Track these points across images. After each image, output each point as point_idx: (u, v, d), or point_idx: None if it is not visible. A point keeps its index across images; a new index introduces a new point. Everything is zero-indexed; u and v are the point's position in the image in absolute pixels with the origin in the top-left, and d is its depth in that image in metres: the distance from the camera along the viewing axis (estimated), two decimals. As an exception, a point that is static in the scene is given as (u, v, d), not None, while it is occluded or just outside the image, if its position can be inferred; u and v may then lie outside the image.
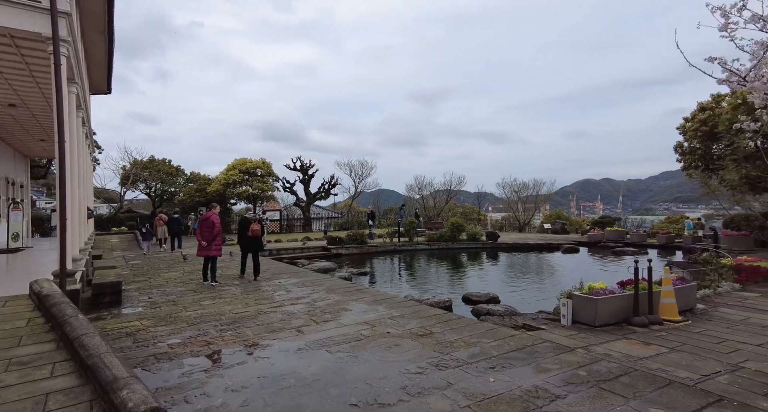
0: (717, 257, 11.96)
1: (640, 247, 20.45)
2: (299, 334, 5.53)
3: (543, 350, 4.75)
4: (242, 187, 27.97)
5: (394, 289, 11.35)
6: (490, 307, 8.39)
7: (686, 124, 18.31)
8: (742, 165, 10.17)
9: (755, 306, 6.97)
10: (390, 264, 16.94)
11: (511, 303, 9.19)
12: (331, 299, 7.61)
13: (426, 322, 6.03)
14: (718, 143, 16.55)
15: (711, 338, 5.23)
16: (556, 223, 33.03)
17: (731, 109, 15.39)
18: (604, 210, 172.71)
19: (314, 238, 22.63)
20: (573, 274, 13.49)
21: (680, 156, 18.50)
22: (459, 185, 35.60)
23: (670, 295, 6.03)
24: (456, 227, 21.26)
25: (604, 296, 5.76)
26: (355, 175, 33.28)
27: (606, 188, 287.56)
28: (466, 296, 9.79)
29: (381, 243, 20.61)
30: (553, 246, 21.09)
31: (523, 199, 36.53)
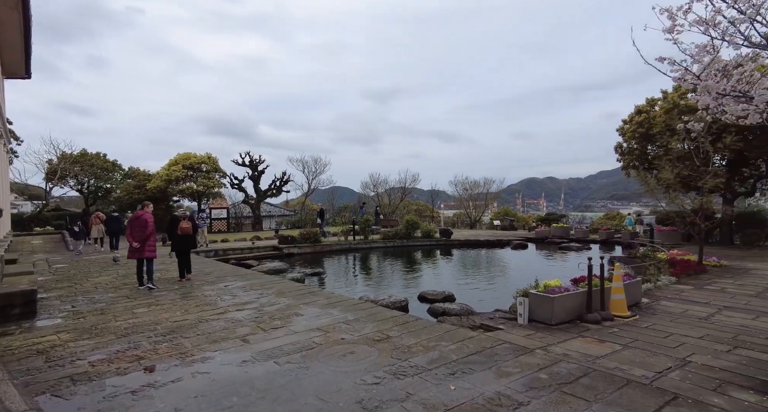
0: (653, 252, 12.70)
1: (583, 243, 21.48)
2: (244, 344, 5.06)
3: (502, 352, 4.63)
4: (186, 184, 26.36)
5: (349, 289, 11.02)
6: (447, 306, 8.28)
7: (625, 126, 19.42)
8: (675, 165, 10.85)
9: (691, 299, 7.35)
10: (345, 263, 16.57)
11: (467, 301, 9.16)
12: (281, 304, 7.14)
13: (383, 325, 5.75)
14: (653, 144, 17.70)
15: (658, 332, 5.37)
16: (505, 220, 34.13)
17: (664, 113, 16.48)
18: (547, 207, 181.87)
19: (265, 237, 21.73)
20: (524, 270, 13.84)
21: (620, 156, 19.62)
22: (413, 183, 35.87)
23: (620, 291, 6.17)
24: (411, 224, 21.25)
25: (559, 294, 5.77)
26: (309, 172, 32.51)
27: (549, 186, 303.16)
28: (422, 295, 9.65)
29: (336, 242, 20.16)
30: (503, 242, 21.66)
31: (474, 196, 37.42)
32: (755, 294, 7.65)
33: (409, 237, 21.20)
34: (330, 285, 11.64)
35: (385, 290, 10.93)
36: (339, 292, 10.05)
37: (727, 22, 4.65)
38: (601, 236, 21.71)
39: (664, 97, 17.37)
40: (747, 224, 16.48)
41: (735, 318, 6.06)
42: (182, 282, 9.19)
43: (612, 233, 21.63)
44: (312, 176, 32.55)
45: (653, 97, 18.13)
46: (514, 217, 36.70)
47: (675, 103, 16.01)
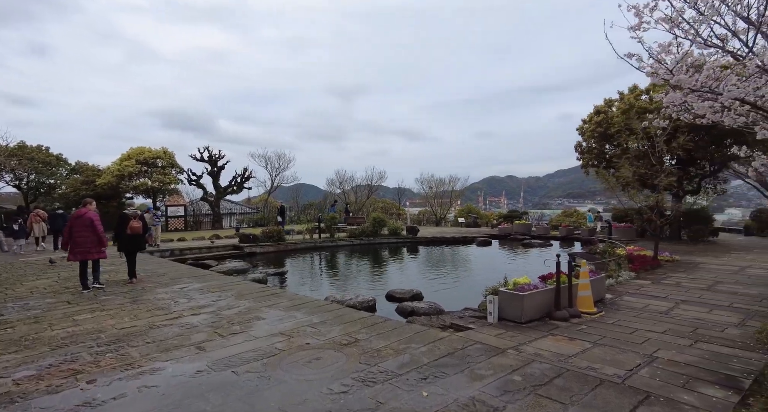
0: (612, 248, 13.14)
1: (544, 239, 22.08)
2: (200, 352, 4.65)
3: (475, 354, 4.49)
4: (140, 180, 24.88)
5: (314, 290, 10.66)
6: (415, 304, 8.13)
7: (584, 126, 20.06)
8: (633, 163, 11.26)
9: (650, 293, 7.56)
10: (310, 262, 16.13)
11: (435, 299, 9.04)
12: (241, 307, 6.72)
13: (350, 328, 5.49)
14: (611, 143, 18.39)
15: (624, 328, 5.42)
16: (469, 217, 34.67)
17: (621, 113, 17.12)
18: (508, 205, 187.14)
19: (225, 236, 20.87)
20: (490, 267, 13.97)
21: (579, 154, 20.27)
22: (380, 181, 35.73)
23: (587, 288, 6.22)
24: (378, 222, 21.05)
25: (529, 291, 5.72)
26: (272, 168, 31.57)
27: (510, 185, 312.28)
28: (390, 294, 9.46)
29: (300, 240, 19.63)
30: (468, 239, 21.89)
31: (439, 194, 37.75)
32: (707, 288, 7.98)
33: (375, 235, 21.00)
34: (294, 286, 11.23)
35: (352, 289, 10.65)
36: (304, 293, 9.69)
37: (686, 23, 4.73)
38: (561, 232, 22.40)
39: (621, 98, 18.06)
40: (693, 220, 17.44)
41: (691, 312, 6.25)
42: (132, 284, 8.54)
43: (571, 230, 22.36)
44: (275, 173, 31.69)
45: (611, 98, 18.82)
46: (478, 214, 37.34)
47: (631, 104, 16.66)
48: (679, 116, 5.45)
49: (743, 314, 6.13)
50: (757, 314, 6.08)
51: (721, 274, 9.40)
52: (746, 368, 4.11)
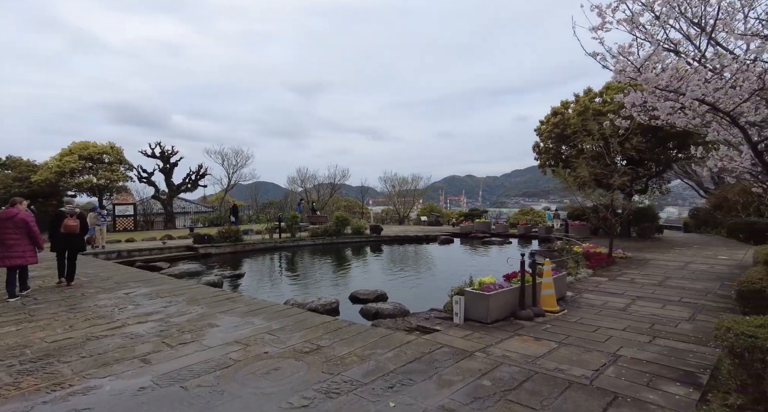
0: (569, 245, 13.56)
1: (504, 237, 22.59)
2: (144, 365, 4.22)
3: (442, 358, 4.34)
4: (84, 177, 23.12)
5: (274, 293, 10.22)
6: (379, 306, 7.93)
7: (541, 127, 20.66)
8: (590, 163, 11.65)
9: (608, 290, 7.77)
10: (270, 263, 15.56)
11: (400, 299, 8.88)
12: (193, 313, 6.25)
13: (312, 333, 5.20)
14: (567, 144, 19.04)
15: (587, 326, 5.47)
16: (431, 215, 34.99)
17: (577, 115, 17.73)
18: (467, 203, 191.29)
19: (178, 236, 19.79)
20: (453, 265, 14.03)
21: (537, 155, 20.87)
22: (343, 179, 35.31)
23: (550, 287, 6.26)
24: (341, 221, 20.70)
25: (495, 291, 5.66)
26: (229, 165, 30.35)
27: (469, 184, 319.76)
28: (354, 295, 9.21)
29: (260, 240, 18.94)
30: (431, 238, 22.01)
31: (402, 193, 37.85)
32: (658, 283, 8.32)
33: (338, 234, 20.65)
34: (252, 289, 10.72)
35: (314, 291, 10.31)
36: (263, 296, 9.25)
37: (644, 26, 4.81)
38: (519, 230, 23.01)
39: (576, 101, 18.73)
40: (641, 218, 18.39)
41: (647, 308, 6.45)
42: (70, 288, 7.81)
43: (529, 228, 23.02)
44: (232, 170, 30.48)
45: (567, 100, 19.47)
46: (440, 213, 37.78)
47: (586, 106, 17.30)
48: (639, 116, 5.57)
49: (692, 308, 6.39)
50: (704, 309, 6.35)
51: (669, 270, 9.87)
52: (701, 362, 4.21)
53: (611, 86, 17.83)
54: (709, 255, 12.91)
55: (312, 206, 28.95)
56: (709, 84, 3.54)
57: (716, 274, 9.32)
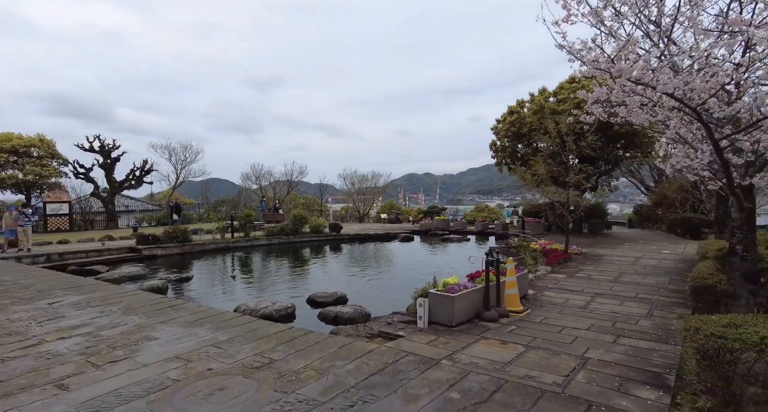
0: (527, 242, 13.77)
1: (462, 234, 22.80)
2: (60, 392, 3.59)
3: (407, 368, 4.03)
4: (7, 172, 20.86)
5: (224, 298, 9.52)
6: (339, 309, 7.52)
7: (498, 125, 20.98)
8: (547, 161, 11.85)
9: (567, 287, 7.81)
10: (221, 265, 14.67)
11: (361, 301, 8.53)
12: (128, 324, 5.57)
13: (264, 344, 4.73)
14: (523, 143, 19.43)
15: (552, 327, 5.37)
16: (391, 213, 34.87)
17: (532, 114, 18.11)
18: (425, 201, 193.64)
19: (119, 236, 18.30)
20: (414, 263, 13.85)
21: (494, 153, 21.19)
22: (300, 176, 34.32)
23: (514, 286, 6.13)
24: (298, 219, 19.99)
25: (460, 292, 5.43)
26: (177, 161, 28.55)
27: (427, 182, 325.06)
28: (312, 298, 8.73)
29: (210, 240, 17.88)
30: (391, 235, 21.80)
31: (362, 190, 37.44)
32: (614, 280, 8.49)
33: (296, 233, 19.93)
34: (200, 294, 9.96)
35: (269, 295, 9.72)
36: (212, 302, 8.59)
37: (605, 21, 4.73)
38: (477, 227, 23.33)
39: (532, 100, 19.15)
40: (592, 215, 19.14)
41: (607, 305, 6.49)
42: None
43: (486, 225, 23.40)
44: (181, 166, 28.69)
45: (522, 100, 19.87)
46: (399, 210, 37.76)
47: (541, 105, 17.70)
48: (599, 114, 5.52)
49: (648, 304, 6.50)
50: (659, 304, 6.48)
51: (622, 265, 10.17)
52: (666, 362, 4.17)
53: (564, 86, 18.37)
54: (655, 250, 13.55)
55: (275, 203, 27.91)
56: (679, 77, 3.45)
57: (664, 269, 9.70)
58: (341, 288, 9.90)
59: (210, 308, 6.82)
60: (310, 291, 9.44)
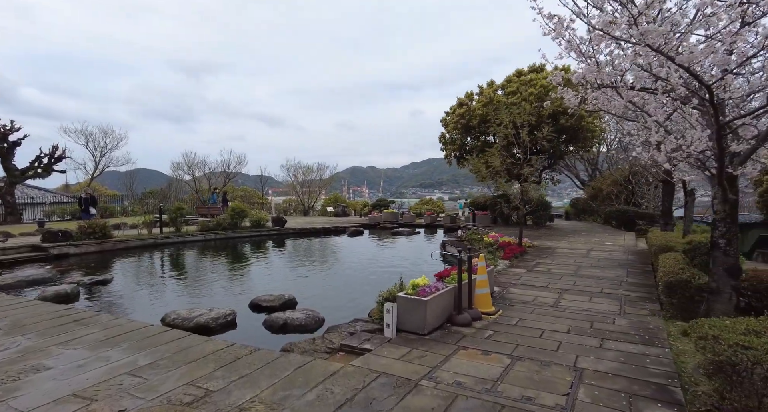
0: (477, 235, 13.59)
1: (411, 227, 22.47)
2: None
3: (381, 394, 3.29)
4: None
5: (151, 304, 8.16)
6: (288, 315, 6.60)
7: (447, 118, 20.76)
8: (501, 153, 11.64)
9: (531, 283, 7.51)
10: (148, 264, 12.97)
11: (312, 304, 7.65)
12: (10, 349, 4.30)
13: (199, 369, 3.76)
14: (471, 135, 19.35)
15: (530, 330, 4.90)
16: (338, 206, 33.87)
17: (482, 106, 18.03)
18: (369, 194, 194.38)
19: (20, 232, 15.71)
20: (366, 259, 13.10)
21: (443, 145, 20.95)
22: (239, 166, 32.07)
23: (486, 285, 5.62)
24: (237, 212, 18.43)
25: (432, 295, 4.78)
26: (96, 148, 25.30)
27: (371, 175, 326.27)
28: (255, 302, 7.68)
29: (135, 236, 15.88)
30: (339, 229, 20.89)
31: (307, 182, 35.98)
32: (574, 273, 8.35)
33: (235, 227, 18.38)
34: (121, 300, 8.49)
35: (205, 299, 8.50)
36: (134, 311, 7.27)
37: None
38: (426, 220, 23.11)
39: (481, 92, 19.09)
40: (537, 208, 19.55)
41: (576, 302, 6.20)
42: None
43: (434, 217, 23.25)
44: (101, 153, 25.45)
45: (471, 92, 19.77)
46: (345, 203, 36.82)
47: (491, 97, 17.66)
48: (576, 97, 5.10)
49: (616, 300, 6.31)
50: (627, 300, 6.30)
51: (577, 258, 10.18)
52: (663, 370, 3.81)
53: (513, 79, 18.48)
54: (599, 241, 13.97)
55: (224, 195, 25.75)
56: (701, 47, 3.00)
57: (617, 261, 9.80)
58: (289, 289, 8.94)
59: (130, 320, 5.61)
60: (253, 294, 8.37)
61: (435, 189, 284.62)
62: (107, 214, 25.80)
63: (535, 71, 18.55)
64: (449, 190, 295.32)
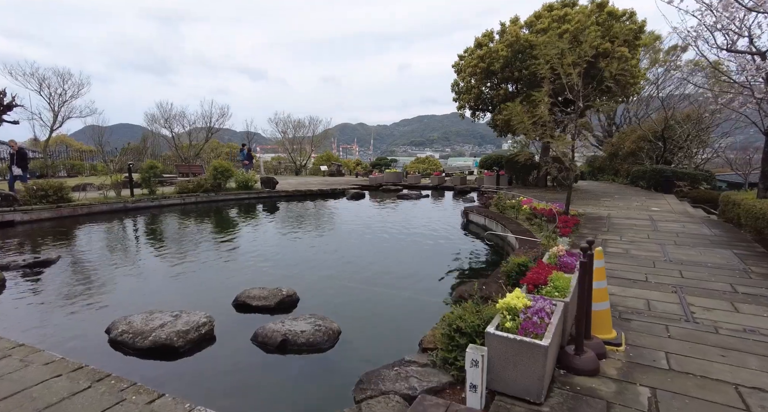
0: (509, 199, 11.51)
1: (417, 189, 20.34)
2: None
3: None
4: None
5: (97, 304, 6.00)
6: (289, 326, 4.56)
7: (460, 62, 17.92)
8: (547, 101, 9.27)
9: (621, 275, 5.51)
10: (110, 236, 10.73)
11: (319, 304, 5.64)
12: None
13: None
14: (493, 81, 16.72)
15: (703, 382, 2.89)
16: (332, 165, 31.43)
17: (506, 47, 15.31)
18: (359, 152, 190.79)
19: (-41, 196, 13.19)
20: (380, 231, 10.95)
21: (456, 95, 18.28)
22: (222, 119, 28.91)
23: (605, 296, 3.56)
24: (221, 172, 16.03)
25: (549, 330, 2.70)
26: (53, 95, 21.96)
27: (361, 132, 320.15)
28: (242, 300, 5.59)
29: (101, 199, 13.54)
30: (337, 192, 18.65)
31: (298, 139, 33.15)
32: (664, 257, 6.35)
33: (219, 189, 16.07)
34: (58, 292, 6.33)
35: (174, 293, 6.41)
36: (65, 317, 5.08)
37: None
38: (433, 181, 20.93)
39: (503, 31, 16.26)
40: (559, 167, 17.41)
41: (717, 312, 4.19)
42: None
43: (443, 178, 21.08)
44: (59, 102, 22.11)
45: (491, 31, 16.91)
46: (339, 162, 34.29)
47: (517, 36, 14.94)
48: None
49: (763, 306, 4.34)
50: None
51: (648, 232, 8.17)
52: None
53: (542, 15, 15.65)
54: (641, 206, 12.06)
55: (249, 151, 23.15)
56: None
57: (702, 236, 7.78)
58: (286, 278, 6.92)
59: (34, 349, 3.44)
60: (237, 284, 6.29)
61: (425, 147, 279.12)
62: (74, 172, 23.12)
63: (568, 6, 15.72)
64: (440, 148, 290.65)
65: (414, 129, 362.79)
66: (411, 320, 5.29)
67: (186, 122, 27.56)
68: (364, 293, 6.29)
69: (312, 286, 6.49)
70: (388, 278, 6.95)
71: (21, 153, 13.34)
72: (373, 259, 8.31)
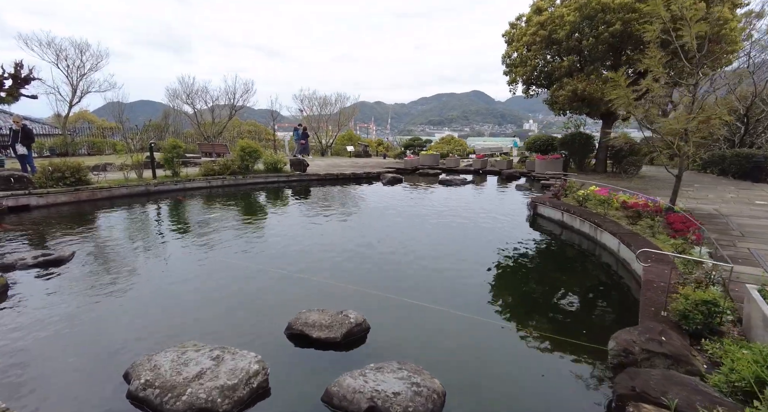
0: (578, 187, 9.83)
1: (457, 173, 18.69)
2: None
3: None
4: None
5: (113, 311, 4.73)
6: (373, 386, 3.19)
7: (513, 31, 15.91)
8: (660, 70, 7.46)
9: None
10: (132, 226, 9.56)
11: (397, 337, 4.26)
12: None
13: None
14: (553, 53, 14.73)
15: None
16: (359, 145, 29.90)
17: (573, 11, 13.27)
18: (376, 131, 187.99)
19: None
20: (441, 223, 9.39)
21: (507, 68, 16.30)
22: (246, 96, 27.48)
23: None
24: (249, 153, 14.71)
25: None
26: (72, 67, 20.81)
27: (378, 111, 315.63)
28: (299, 329, 4.22)
29: (122, 181, 12.45)
30: (371, 176, 17.13)
31: (323, 117, 31.58)
32: None
33: (246, 171, 14.79)
34: (56, 320, 5.12)
35: (205, 310, 5.10)
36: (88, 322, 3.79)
37: None
38: (476, 164, 19.19)
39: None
40: (621, 151, 15.49)
41: None
42: None
43: (485, 161, 19.31)
44: (77, 75, 20.98)
45: (550, -6, 14.79)
46: (365, 142, 32.68)
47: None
48: None
49: None
50: None
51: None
52: None
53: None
54: (741, 199, 10.27)
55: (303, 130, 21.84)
56: None
57: None
58: (348, 293, 5.50)
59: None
60: (286, 297, 4.94)
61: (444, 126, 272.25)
62: (94, 151, 22.21)
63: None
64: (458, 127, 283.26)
65: (432, 108, 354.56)
66: (538, 371, 3.79)
67: (209, 98, 26.26)
68: (455, 323, 4.75)
69: (380, 304, 5.09)
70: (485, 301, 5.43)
71: (26, 130, 12.16)
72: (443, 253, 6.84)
